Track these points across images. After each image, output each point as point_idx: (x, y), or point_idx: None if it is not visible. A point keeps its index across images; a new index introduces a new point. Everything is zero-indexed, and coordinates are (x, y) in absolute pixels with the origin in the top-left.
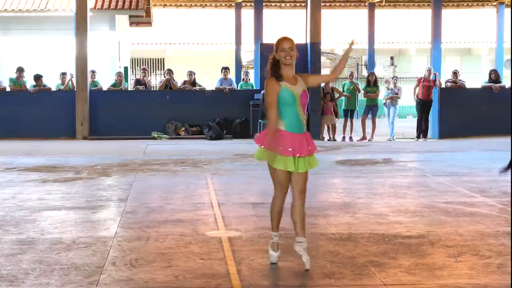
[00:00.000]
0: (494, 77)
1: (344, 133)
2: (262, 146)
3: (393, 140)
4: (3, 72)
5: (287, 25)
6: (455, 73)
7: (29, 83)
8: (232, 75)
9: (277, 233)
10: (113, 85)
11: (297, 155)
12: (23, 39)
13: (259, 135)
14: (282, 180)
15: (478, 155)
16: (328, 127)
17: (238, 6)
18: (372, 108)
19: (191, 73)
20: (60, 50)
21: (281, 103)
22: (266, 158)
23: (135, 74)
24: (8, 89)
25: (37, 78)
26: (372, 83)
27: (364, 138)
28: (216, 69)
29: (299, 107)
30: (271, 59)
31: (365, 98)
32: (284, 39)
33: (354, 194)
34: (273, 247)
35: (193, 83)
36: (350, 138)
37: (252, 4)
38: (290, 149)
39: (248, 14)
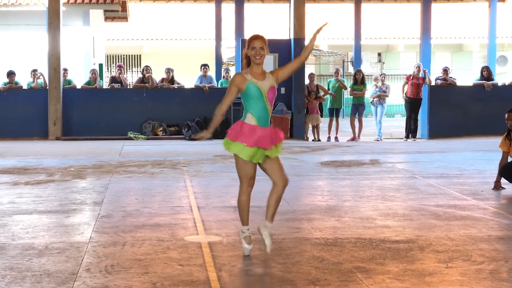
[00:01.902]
0: (486, 74)
1: (329, 133)
2: (230, 138)
3: (381, 140)
4: None
5: (269, 20)
6: (445, 70)
7: (0, 81)
8: (212, 72)
9: (248, 227)
10: (88, 83)
11: (255, 146)
12: None
13: (230, 128)
14: (248, 173)
15: (470, 156)
16: (313, 126)
17: (218, 0)
18: (358, 107)
19: (169, 71)
20: (32, 46)
21: (249, 97)
22: (233, 149)
23: (111, 72)
24: None
25: (9, 74)
26: (359, 81)
27: (353, 138)
28: (195, 66)
29: (267, 101)
30: (244, 56)
31: (351, 97)
32: (255, 38)
33: (340, 197)
34: (247, 240)
35: (171, 81)
36: (336, 138)
37: None
38: (255, 141)
39: (228, 8)
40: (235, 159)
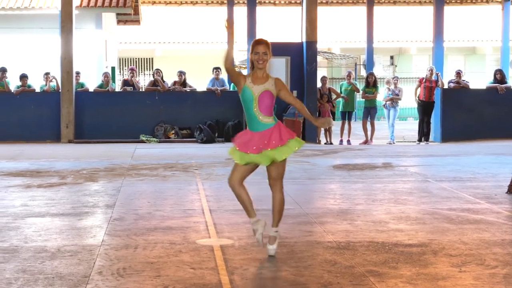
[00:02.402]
0: (499, 77)
1: (341, 136)
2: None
3: (394, 143)
4: None
5: (281, 23)
6: (458, 73)
7: (13, 84)
8: (224, 75)
9: (256, 218)
10: (100, 86)
11: (248, 152)
12: (5, 38)
13: (236, 135)
14: (242, 167)
15: (483, 159)
16: (325, 130)
17: (230, 4)
18: (370, 110)
19: (181, 74)
20: (44, 50)
21: (243, 100)
22: (233, 155)
23: (123, 75)
24: None
25: (22, 77)
26: (371, 84)
27: (366, 141)
28: (207, 69)
29: (256, 106)
30: (250, 60)
31: (364, 100)
32: (259, 43)
33: (352, 200)
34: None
35: (183, 84)
36: (348, 141)
37: (245, 1)
38: (246, 146)
39: (240, 11)
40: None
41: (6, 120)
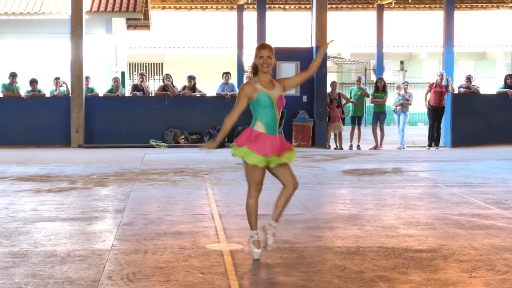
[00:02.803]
0: (510, 82)
1: (351, 141)
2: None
3: (403, 148)
4: None
5: (291, 28)
6: (468, 78)
7: (23, 89)
8: (233, 80)
9: (256, 231)
10: (110, 91)
11: (270, 155)
12: (16, 43)
13: (240, 135)
14: (256, 179)
15: (493, 164)
16: (335, 135)
17: (240, 8)
18: (379, 115)
19: (190, 78)
20: (54, 55)
21: (260, 106)
22: (241, 154)
23: (133, 80)
24: (0, 95)
25: (32, 82)
26: (380, 89)
27: (376, 146)
28: (217, 74)
29: (276, 110)
30: (252, 64)
31: (373, 104)
32: (262, 47)
33: (362, 206)
34: (255, 245)
35: (193, 89)
36: (358, 146)
37: (255, 6)
38: (265, 149)
39: (250, 16)
40: (244, 164)
41: (16, 125)
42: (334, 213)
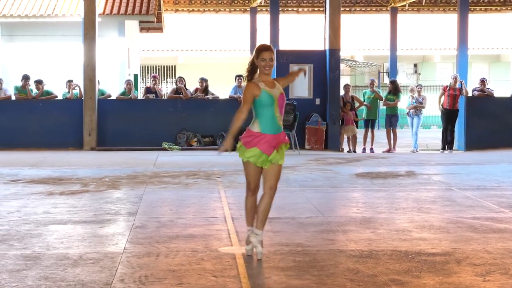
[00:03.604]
0: None
1: (364, 144)
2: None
3: (417, 151)
4: (8, 80)
5: (304, 30)
6: (482, 81)
7: (34, 91)
8: None
9: (249, 228)
10: (122, 94)
11: (267, 153)
12: (29, 45)
13: (241, 136)
14: (253, 177)
15: (507, 168)
16: (348, 138)
17: (253, 11)
18: (391, 118)
19: (202, 80)
20: (67, 57)
21: (261, 105)
22: (247, 155)
23: (145, 82)
24: (13, 97)
25: (37, 82)
26: (392, 92)
27: (389, 150)
28: (230, 77)
29: (276, 109)
30: (250, 63)
31: (385, 107)
32: (265, 50)
33: (375, 209)
34: (246, 241)
35: (205, 91)
36: (371, 149)
37: (268, 9)
38: (261, 148)
39: (263, 19)
40: (244, 166)
41: (29, 128)
42: (347, 216)
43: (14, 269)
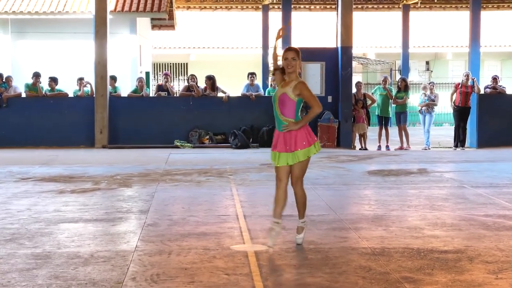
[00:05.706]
0: None
1: (379, 142)
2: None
3: (429, 149)
4: (18, 77)
5: (316, 28)
6: (494, 79)
7: (46, 89)
8: (259, 81)
9: (279, 220)
10: (134, 91)
11: (275, 151)
12: (39, 42)
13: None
14: (278, 172)
15: None
16: (360, 135)
17: (265, 9)
18: (401, 115)
19: (208, 79)
20: (78, 54)
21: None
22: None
23: (157, 80)
24: (24, 95)
25: (52, 80)
26: (402, 89)
27: (401, 147)
28: (242, 75)
29: (277, 108)
30: (279, 65)
31: (394, 105)
32: (288, 50)
33: (387, 206)
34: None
35: (213, 88)
36: (387, 147)
37: (280, 6)
38: (274, 144)
39: (275, 16)
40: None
41: (40, 125)
42: (359, 214)
43: (24, 268)
